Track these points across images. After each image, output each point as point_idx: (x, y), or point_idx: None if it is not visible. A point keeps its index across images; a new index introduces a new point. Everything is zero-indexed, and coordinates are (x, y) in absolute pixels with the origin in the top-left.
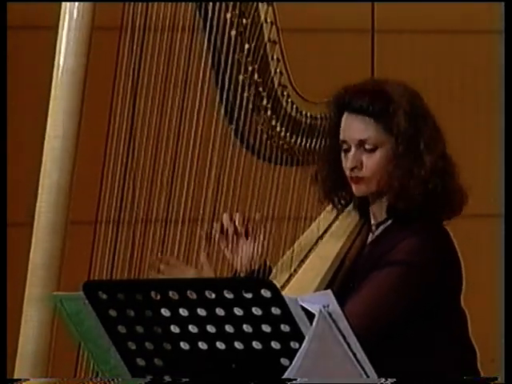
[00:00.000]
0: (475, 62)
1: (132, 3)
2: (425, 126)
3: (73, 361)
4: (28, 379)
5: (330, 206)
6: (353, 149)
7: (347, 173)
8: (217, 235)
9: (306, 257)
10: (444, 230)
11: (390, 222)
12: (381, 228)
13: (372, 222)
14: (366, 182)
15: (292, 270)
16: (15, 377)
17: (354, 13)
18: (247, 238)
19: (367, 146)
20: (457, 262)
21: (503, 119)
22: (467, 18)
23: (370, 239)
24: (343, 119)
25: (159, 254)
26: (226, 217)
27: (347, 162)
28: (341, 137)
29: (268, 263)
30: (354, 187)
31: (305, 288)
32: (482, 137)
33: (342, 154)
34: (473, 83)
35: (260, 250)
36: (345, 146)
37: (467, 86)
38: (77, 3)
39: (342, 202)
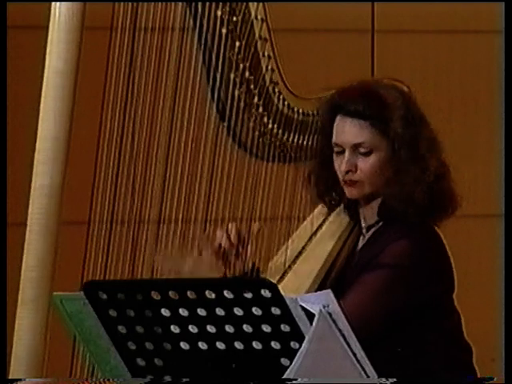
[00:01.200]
0: (475, 62)
1: (122, 3)
2: (423, 129)
3: (68, 361)
4: (22, 379)
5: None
6: (347, 152)
7: (340, 176)
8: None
9: (298, 255)
10: (434, 232)
11: (380, 224)
12: (371, 231)
13: (362, 224)
14: (359, 186)
15: (285, 267)
16: (10, 377)
17: (354, 13)
18: (242, 248)
19: (362, 150)
20: (446, 264)
21: (503, 119)
22: (467, 18)
23: (361, 242)
24: (336, 122)
25: (152, 254)
26: (220, 233)
27: (341, 166)
28: (334, 139)
29: (259, 265)
30: (347, 190)
31: (297, 287)
32: (481, 137)
33: (335, 156)
34: (473, 83)
35: (251, 256)
36: (338, 149)
37: (467, 86)
38: (67, 3)
39: (333, 202)
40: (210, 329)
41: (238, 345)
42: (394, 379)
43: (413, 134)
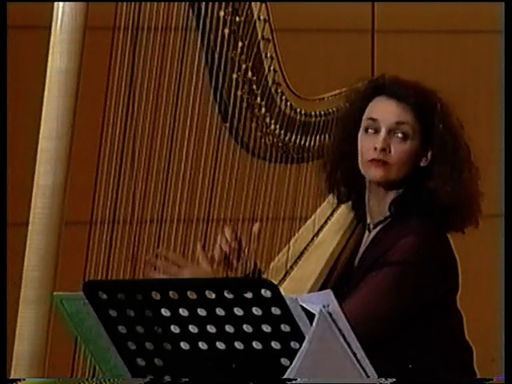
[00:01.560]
0: (475, 61)
1: (125, 3)
2: (460, 137)
3: (69, 361)
4: (23, 379)
5: (325, 202)
6: (383, 131)
7: (370, 154)
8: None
9: (301, 254)
10: (440, 231)
11: (388, 221)
12: (378, 227)
13: (368, 220)
14: (387, 168)
15: (287, 267)
16: (11, 377)
17: (354, 13)
18: (241, 253)
19: (399, 134)
20: (453, 262)
21: (503, 119)
22: (467, 18)
23: (366, 238)
24: (376, 101)
25: (156, 250)
26: (221, 238)
27: (376, 143)
28: (371, 115)
29: (260, 266)
30: (372, 171)
31: (300, 286)
32: (482, 137)
33: (362, 134)
34: (473, 83)
35: (252, 256)
36: (372, 126)
37: (467, 86)
38: (69, 3)
39: (341, 196)
40: (210, 329)
41: (238, 345)
42: (394, 379)
43: (453, 137)
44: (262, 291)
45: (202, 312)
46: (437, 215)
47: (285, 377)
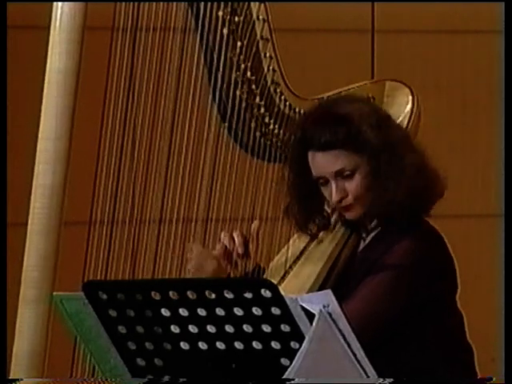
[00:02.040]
0: (475, 61)
1: (123, 3)
2: (392, 130)
3: (68, 361)
4: (22, 379)
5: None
6: (332, 181)
7: (334, 205)
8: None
9: (300, 255)
10: (436, 232)
11: (380, 228)
12: (372, 234)
13: (361, 230)
14: (355, 207)
15: (287, 267)
16: (11, 377)
17: (354, 13)
18: (247, 257)
19: (345, 173)
20: (450, 262)
21: (503, 119)
22: (467, 18)
23: (362, 245)
24: (310, 157)
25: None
26: (226, 239)
27: (332, 196)
28: (314, 173)
29: (260, 264)
30: (346, 215)
31: (299, 287)
32: (482, 137)
33: (322, 188)
34: (473, 83)
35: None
36: (321, 180)
37: (467, 86)
38: (68, 3)
39: (320, 226)
40: (210, 329)
41: (238, 345)
42: (394, 379)
43: (385, 137)
44: (262, 291)
45: (201, 312)
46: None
47: (285, 377)
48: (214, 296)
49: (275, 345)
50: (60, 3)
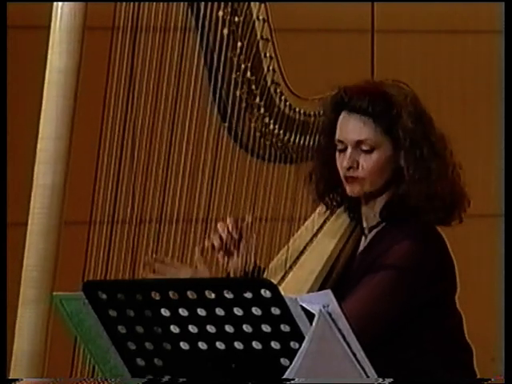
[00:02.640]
0: (475, 61)
1: (123, 3)
2: (432, 128)
3: (68, 361)
4: (22, 379)
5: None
6: (349, 149)
7: (342, 172)
8: (215, 241)
9: (300, 255)
10: (436, 233)
11: (382, 225)
12: (373, 232)
13: (364, 225)
14: (360, 183)
15: (287, 267)
16: (10, 377)
17: (354, 13)
18: (240, 242)
19: (364, 147)
20: (449, 264)
21: (503, 119)
22: (467, 18)
23: (362, 243)
24: (340, 118)
25: (153, 253)
26: (221, 225)
27: (343, 162)
28: (337, 136)
29: (260, 264)
30: (347, 187)
31: (299, 287)
32: (482, 137)
33: (337, 154)
34: (473, 83)
35: (253, 252)
36: (340, 146)
37: (467, 85)
38: (68, 3)
39: (334, 203)
40: (210, 329)
41: (238, 345)
42: (394, 379)
43: (425, 131)
44: (262, 291)
45: (201, 312)
46: (411, 216)
47: (285, 377)
48: (213, 296)
49: (275, 345)
50: (60, 3)
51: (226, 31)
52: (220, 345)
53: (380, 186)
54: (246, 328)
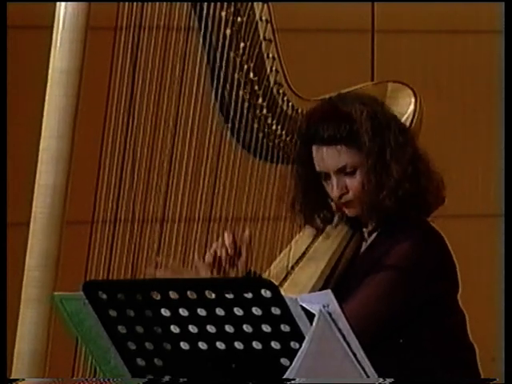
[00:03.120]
0: (475, 61)
1: (126, 3)
2: (389, 135)
3: (70, 361)
4: (23, 379)
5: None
6: (333, 177)
7: (334, 201)
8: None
9: (302, 255)
10: (436, 233)
11: (382, 228)
12: (374, 235)
13: (364, 229)
14: (355, 204)
15: (289, 268)
16: (12, 377)
17: (354, 13)
18: (238, 258)
19: (347, 170)
20: (450, 264)
21: (503, 119)
22: (467, 18)
23: (364, 246)
24: (314, 151)
25: (155, 254)
26: (217, 246)
27: (333, 191)
28: (317, 168)
29: (253, 271)
30: (346, 211)
31: (301, 287)
32: (482, 137)
33: (324, 182)
34: (473, 83)
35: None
36: (324, 175)
37: (467, 86)
38: (72, 3)
39: (326, 220)
40: (210, 329)
41: (238, 345)
42: (394, 379)
43: (379, 144)
44: (262, 291)
45: (201, 312)
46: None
47: (285, 377)
48: (213, 296)
49: (275, 345)
50: (63, 3)
51: (228, 31)
52: (220, 345)
53: (373, 200)
54: (246, 328)
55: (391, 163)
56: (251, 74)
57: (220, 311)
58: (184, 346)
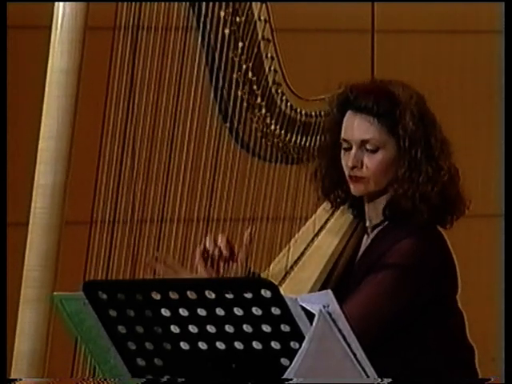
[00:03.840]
0: (475, 61)
1: (125, 3)
2: (435, 130)
3: (69, 361)
4: (23, 379)
5: (325, 203)
6: (354, 148)
7: (347, 171)
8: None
9: (301, 255)
10: (437, 232)
11: (385, 224)
12: (376, 230)
13: (367, 223)
14: (364, 182)
15: (288, 268)
16: (11, 377)
17: (354, 13)
18: (232, 260)
19: (369, 147)
20: (450, 263)
21: (503, 119)
22: (467, 18)
23: (365, 242)
24: (346, 117)
25: (155, 253)
26: (209, 240)
27: (348, 161)
28: (342, 135)
29: (252, 270)
30: (352, 186)
31: (300, 287)
32: (482, 137)
33: (342, 152)
34: (473, 83)
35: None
36: (346, 145)
37: (467, 85)
38: (70, 3)
39: (339, 200)
40: (210, 329)
41: (238, 345)
42: (395, 379)
43: (425, 133)
44: (262, 291)
45: (201, 312)
46: (403, 218)
47: (285, 377)
48: (213, 296)
49: (275, 345)
50: (62, 3)
51: (227, 31)
52: (220, 345)
53: (384, 185)
54: (246, 328)
55: (440, 157)
56: (250, 74)
57: (220, 311)
58: (184, 346)
